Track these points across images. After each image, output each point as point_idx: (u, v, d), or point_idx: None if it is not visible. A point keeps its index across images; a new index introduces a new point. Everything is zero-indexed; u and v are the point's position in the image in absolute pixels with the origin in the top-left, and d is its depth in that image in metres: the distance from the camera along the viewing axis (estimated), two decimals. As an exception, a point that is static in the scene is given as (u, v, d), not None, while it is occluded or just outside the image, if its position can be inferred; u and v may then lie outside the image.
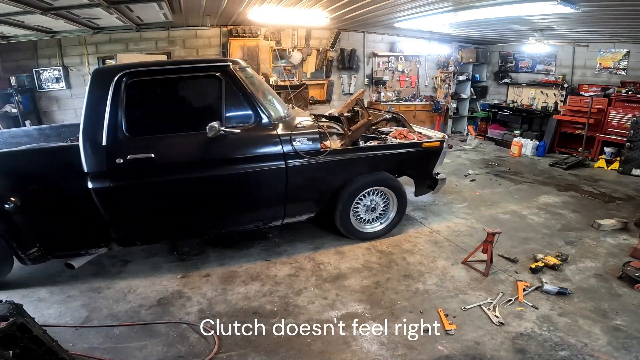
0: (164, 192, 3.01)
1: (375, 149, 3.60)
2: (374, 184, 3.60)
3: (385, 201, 3.77)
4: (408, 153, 3.71)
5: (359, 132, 3.63)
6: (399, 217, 3.88)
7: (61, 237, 2.91)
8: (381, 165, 3.62)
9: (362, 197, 3.61)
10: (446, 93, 9.06)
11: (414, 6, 5.19)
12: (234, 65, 3.11)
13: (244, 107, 3.09)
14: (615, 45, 7.03)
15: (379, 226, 3.83)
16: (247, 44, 7.10)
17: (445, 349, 2.38)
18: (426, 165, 3.89)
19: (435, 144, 3.83)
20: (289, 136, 3.14)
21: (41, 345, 1.85)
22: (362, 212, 3.70)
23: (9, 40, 5.63)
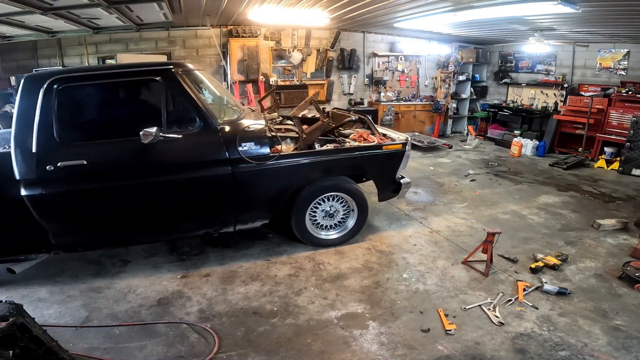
0: (100, 200, 2.90)
1: (329, 152, 3.41)
2: (329, 190, 3.46)
3: (345, 208, 3.63)
4: (367, 156, 3.53)
5: (313, 136, 3.45)
6: (359, 225, 3.71)
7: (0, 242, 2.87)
8: (337, 170, 3.47)
9: (320, 203, 3.50)
10: (446, 93, 9.06)
11: (414, 6, 5.19)
12: (177, 68, 2.98)
13: (187, 112, 2.97)
14: (615, 45, 7.03)
15: (335, 234, 3.67)
16: (247, 44, 7.10)
17: (445, 349, 2.38)
18: (388, 168, 3.70)
19: (397, 146, 3.63)
20: (234, 141, 3.00)
21: (41, 345, 1.85)
22: (320, 218, 3.57)
23: (9, 40, 5.63)
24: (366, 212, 3.70)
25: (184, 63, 3.25)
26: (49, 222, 2.83)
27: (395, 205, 4.85)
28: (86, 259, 3.45)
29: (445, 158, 7.39)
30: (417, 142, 8.03)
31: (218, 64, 7.26)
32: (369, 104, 8.77)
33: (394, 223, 4.31)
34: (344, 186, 3.51)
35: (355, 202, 3.60)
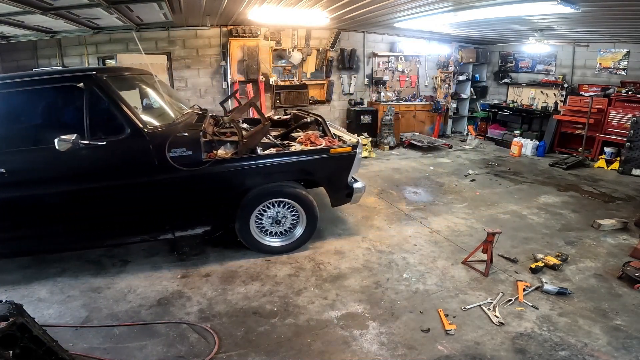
0: (22, 209, 2.87)
1: (268, 157, 3.27)
2: (273, 196, 3.34)
3: (294, 215, 3.49)
4: (312, 160, 3.38)
5: (254, 140, 3.31)
6: (307, 234, 3.56)
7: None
8: (280, 175, 3.35)
9: (268, 208, 3.39)
10: (446, 93, 9.07)
11: (414, 6, 5.19)
12: (101, 74, 2.89)
13: (113, 118, 2.86)
14: (615, 45, 7.03)
15: (278, 242, 3.54)
16: (247, 44, 7.10)
17: (445, 349, 2.38)
18: (337, 172, 3.54)
19: (346, 149, 3.47)
20: (163, 147, 2.87)
21: (41, 345, 1.85)
22: (268, 225, 3.46)
23: (9, 40, 5.63)
24: (315, 220, 3.54)
25: (109, 68, 3.17)
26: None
27: (396, 205, 4.85)
28: (86, 259, 3.45)
29: (445, 158, 7.39)
30: (417, 142, 8.03)
31: (218, 64, 7.26)
32: (369, 104, 8.77)
33: (394, 223, 4.31)
34: (289, 192, 3.36)
35: (303, 209, 3.45)
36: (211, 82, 7.34)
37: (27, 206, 2.88)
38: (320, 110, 8.42)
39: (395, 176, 6.13)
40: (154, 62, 6.43)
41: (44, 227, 3.00)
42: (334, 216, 4.49)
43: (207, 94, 7.36)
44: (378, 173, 6.30)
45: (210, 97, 7.39)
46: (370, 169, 6.56)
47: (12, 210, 2.87)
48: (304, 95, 7.96)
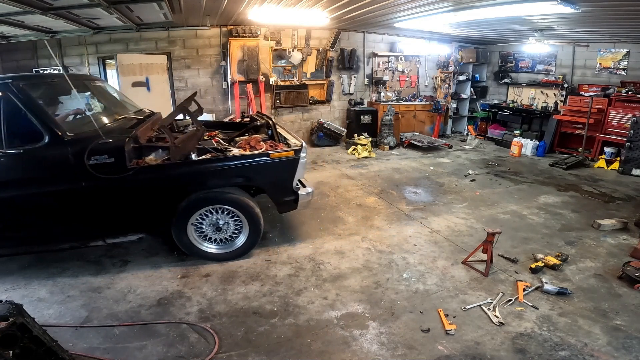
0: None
1: (202, 163, 3.15)
2: (210, 202, 3.23)
3: (237, 223, 3.37)
4: (251, 166, 3.26)
5: (187, 145, 3.19)
6: (250, 243, 3.43)
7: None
8: (216, 181, 3.23)
9: (209, 214, 3.29)
10: (446, 93, 9.07)
11: (414, 6, 5.19)
12: (17, 82, 2.81)
13: (30, 126, 2.77)
14: (615, 45, 7.03)
15: (215, 249, 3.41)
16: (247, 44, 7.11)
17: (445, 349, 2.38)
18: (279, 178, 3.41)
19: (288, 153, 3.34)
20: (84, 155, 2.79)
21: (41, 345, 1.85)
22: (209, 231, 3.35)
23: (9, 40, 5.62)
24: (258, 229, 3.40)
25: (29, 75, 3.07)
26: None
27: (396, 205, 4.85)
28: (86, 259, 3.45)
29: (445, 158, 7.39)
30: (417, 142, 8.03)
31: (218, 64, 7.26)
32: (369, 104, 8.77)
33: (394, 223, 4.31)
34: (228, 198, 3.24)
35: (245, 217, 3.32)
36: (211, 82, 7.34)
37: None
38: (320, 110, 8.43)
39: (395, 176, 6.13)
40: (154, 62, 6.44)
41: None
42: (334, 216, 4.49)
43: (207, 94, 7.37)
44: (378, 173, 6.30)
45: (210, 97, 7.39)
46: (370, 169, 6.56)
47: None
48: (304, 95, 7.97)
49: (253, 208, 3.34)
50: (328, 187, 5.53)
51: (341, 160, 7.10)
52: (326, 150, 7.91)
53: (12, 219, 2.98)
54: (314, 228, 4.17)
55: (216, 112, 7.18)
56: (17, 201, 2.88)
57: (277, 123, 4.36)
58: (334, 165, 6.79)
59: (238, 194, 3.31)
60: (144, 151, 3.13)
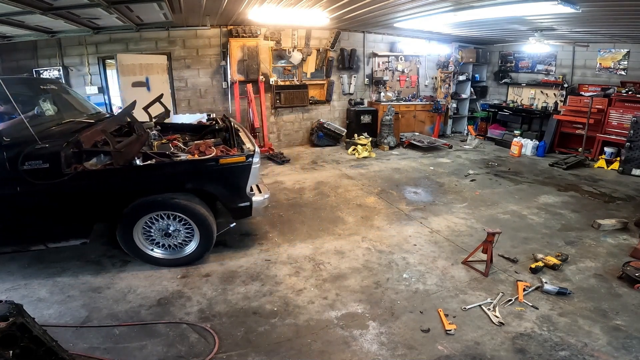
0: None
1: (145, 169, 3.05)
2: (156, 208, 3.15)
3: (189, 229, 3.28)
4: (199, 172, 3.19)
5: (130, 150, 3.10)
6: (201, 249, 3.33)
7: None
8: (162, 187, 3.14)
9: (159, 219, 3.21)
10: (446, 93, 9.07)
11: (414, 6, 5.19)
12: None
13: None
14: (615, 45, 7.03)
15: (161, 254, 3.32)
16: (247, 44, 7.10)
17: (445, 349, 2.38)
18: (230, 184, 3.32)
19: (239, 159, 3.24)
20: (17, 160, 2.74)
21: (41, 345, 1.85)
22: (158, 237, 3.27)
23: (9, 40, 5.63)
24: (210, 236, 3.29)
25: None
26: None
27: (396, 205, 4.85)
28: (86, 259, 3.45)
29: (445, 158, 7.39)
30: (417, 142, 8.03)
31: (218, 64, 7.26)
32: (369, 104, 8.77)
33: (394, 223, 4.31)
34: (175, 204, 3.15)
35: (195, 223, 3.23)
36: (211, 82, 7.34)
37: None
38: (320, 110, 8.43)
39: (395, 176, 6.13)
40: (154, 62, 6.44)
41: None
42: (334, 216, 4.49)
43: (207, 94, 7.36)
44: (378, 173, 6.30)
45: (210, 97, 7.39)
46: (370, 169, 6.56)
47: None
48: (304, 95, 7.97)
49: (204, 215, 3.22)
50: (328, 187, 5.53)
51: (341, 160, 7.10)
52: (326, 150, 7.91)
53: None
54: (314, 228, 4.17)
55: (216, 112, 7.16)
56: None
57: (242, 127, 4.28)
58: (334, 165, 6.79)
59: (188, 200, 3.19)
60: (87, 156, 3.02)
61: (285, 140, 8.25)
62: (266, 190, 3.59)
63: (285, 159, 6.95)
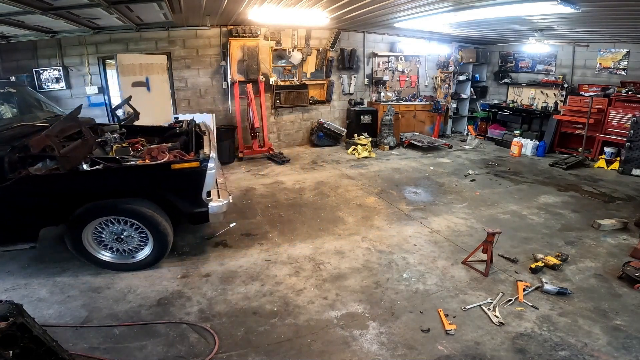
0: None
1: (90, 174, 2.99)
2: (105, 213, 3.09)
3: (143, 233, 3.22)
4: (149, 177, 3.12)
5: (76, 155, 3.03)
6: (155, 255, 3.27)
7: None
8: (110, 193, 3.09)
9: (110, 224, 3.15)
10: (446, 93, 9.07)
11: (414, 6, 5.19)
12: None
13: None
14: (615, 45, 7.03)
15: (115, 259, 3.26)
16: (247, 44, 7.10)
17: (445, 349, 2.38)
18: (183, 190, 3.23)
19: (192, 164, 3.12)
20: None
21: (41, 345, 1.85)
22: (110, 241, 3.21)
23: (9, 40, 5.62)
24: (164, 241, 3.23)
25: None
26: None
27: (396, 205, 4.85)
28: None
29: (445, 158, 7.39)
30: (417, 142, 8.03)
31: (218, 64, 7.26)
32: (369, 104, 8.77)
33: (394, 223, 4.31)
34: (126, 209, 3.09)
35: (148, 228, 3.17)
36: (211, 82, 7.33)
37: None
38: (320, 110, 8.43)
39: (395, 176, 6.13)
40: (154, 62, 6.43)
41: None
42: (334, 216, 4.49)
43: (207, 94, 7.36)
44: (378, 173, 6.30)
45: (210, 97, 7.39)
46: (370, 169, 6.56)
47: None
48: (304, 95, 7.96)
49: (157, 221, 3.15)
50: (328, 187, 5.53)
51: (341, 160, 7.10)
52: (326, 150, 7.91)
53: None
54: (314, 228, 4.17)
55: (216, 112, 7.17)
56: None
57: (210, 131, 4.19)
58: (334, 165, 6.79)
59: (141, 205, 3.12)
60: (33, 160, 2.98)
61: (285, 140, 8.25)
62: (227, 196, 3.47)
63: (285, 159, 6.95)
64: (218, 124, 6.87)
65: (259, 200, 5.03)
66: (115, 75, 6.04)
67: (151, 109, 6.32)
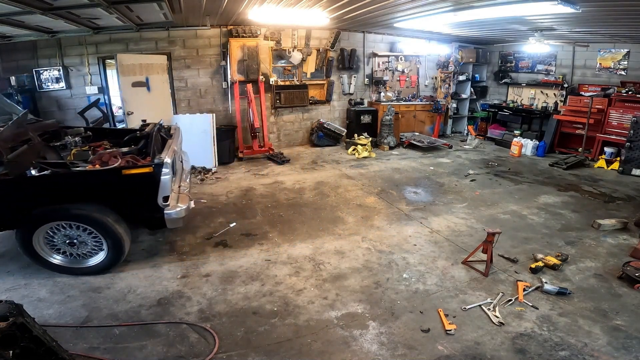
0: None
1: (34, 180, 2.92)
2: (55, 218, 3.05)
3: (96, 239, 3.16)
4: (100, 182, 3.06)
5: (22, 160, 2.99)
6: (110, 260, 3.21)
7: None
8: (59, 198, 3.03)
9: (62, 228, 3.11)
10: (446, 93, 9.06)
11: (414, 6, 5.19)
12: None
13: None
14: (615, 45, 7.03)
15: (60, 261, 3.20)
16: (247, 44, 7.10)
17: (445, 349, 2.38)
18: (136, 195, 3.17)
19: (145, 170, 3.05)
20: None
21: (41, 345, 1.85)
22: (62, 245, 3.17)
23: (9, 40, 5.63)
24: (120, 247, 3.17)
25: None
26: None
27: (396, 205, 4.85)
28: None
29: (445, 158, 7.39)
30: (417, 142, 8.03)
31: (218, 64, 7.26)
32: (369, 104, 8.77)
33: (394, 223, 4.31)
34: (76, 215, 3.05)
35: (101, 234, 3.12)
36: (211, 82, 7.33)
37: None
38: (320, 110, 8.43)
39: (395, 176, 6.13)
40: (154, 62, 6.44)
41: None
42: (334, 216, 4.49)
43: (207, 94, 7.36)
44: (378, 173, 6.30)
45: (210, 97, 7.39)
46: (370, 169, 6.56)
47: None
48: (304, 95, 7.96)
49: (111, 227, 3.10)
50: (328, 187, 5.53)
51: (341, 160, 7.10)
52: (326, 150, 7.91)
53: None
54: (314, 228, 4.17)
55: (216, 112, 7.16)
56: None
57: (177, 135, 4.11)
58: (334, 165, 6.79)
59: (94, 211, 3.07)
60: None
61: (285, 140, 8.25)
62: (187, 201, 3.36)
63: (285, 159, 6.95)
64: (218, 124, 6.86)
65: (259, 200, 5.03)
66: (115, 75, 6.04)
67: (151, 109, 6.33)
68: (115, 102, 7.07)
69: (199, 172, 6.18)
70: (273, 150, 7.30)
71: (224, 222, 4.30)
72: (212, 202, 4.96)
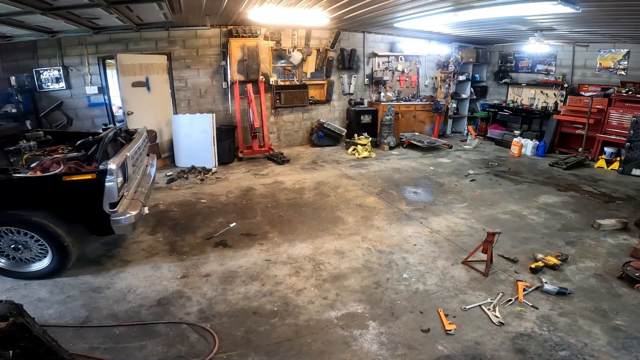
0: None
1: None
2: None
3: (41, 244, 3.11)
4: (39, 189, 3.00)
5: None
6: (55, 266, 3.15)
7: None
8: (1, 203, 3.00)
9: (1, 233, 3.07)
10: (446, 93, 9.07)
11: (414, 6, 5.19)
12: None
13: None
14: (615, 45, 7.03)
15: (8, 266, 3.16)
16: (247, 44, 7.10)
17: (445, 349, 2.38)
18: (80, 202, 3.10)
19: (87, 176, 2.99)
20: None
21: (41, 345, 1.85)
22: (8, 250, 3.12)
23: (9, 40, 5.63)
24: (65, 253, 3.12)
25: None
26: None
27: (396, 205, 4.85)
28: (86, 259, 3.45)
29: (445, 158, 7.39)
30: (417, 142, 8.03)
31: (218, 64, 7.26)
32: (369, 104, 8.77)
33: (394, 223, 4.31)
34: (18, 220, 3.01)
35: (45, 240, 3.07)
36: (211, 82, 7.33)
37: None
38: (320, 110, 8.43)
39: (395, 176, 6.13)
40: (154, 62, 6.44)
41: None
42: (334, 216, 4.49)
43: (207, 94, 7.36)
44: (378, 173, 6.30)
45: (210, 97, 7.39)
46: (370, 169, 6.56)
47: None
48: (304, 95, 7.96)
49: (54, 232, 3.05)
50: (328, 187, 5.53)
51: (341, 160, 7.10)
52: (326, 150, 7.91)
53: None
54: (314, 228, 4.17)
55: (216, 112, 7.16)
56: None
57: (140, 140, 4.00)
58: (334, 165, 6.79)
59: (36, 217, 3.02)
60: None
61: (285, 140, 8.25)
62: (138, 207, 3.30)
63: (285, 159, 6.95)
64: (218, 124, 6.86)
65: (259, 200, 5.04)
66: (115, 75, 6.05)
67: (151, 109, 6.33)
68: (115, 102, 7.06)
69: (199, 172, 6.18)
70: (273, 150, 7.30)
71: (224, 222, 4.30)
72: (212, 202, 4.96)
